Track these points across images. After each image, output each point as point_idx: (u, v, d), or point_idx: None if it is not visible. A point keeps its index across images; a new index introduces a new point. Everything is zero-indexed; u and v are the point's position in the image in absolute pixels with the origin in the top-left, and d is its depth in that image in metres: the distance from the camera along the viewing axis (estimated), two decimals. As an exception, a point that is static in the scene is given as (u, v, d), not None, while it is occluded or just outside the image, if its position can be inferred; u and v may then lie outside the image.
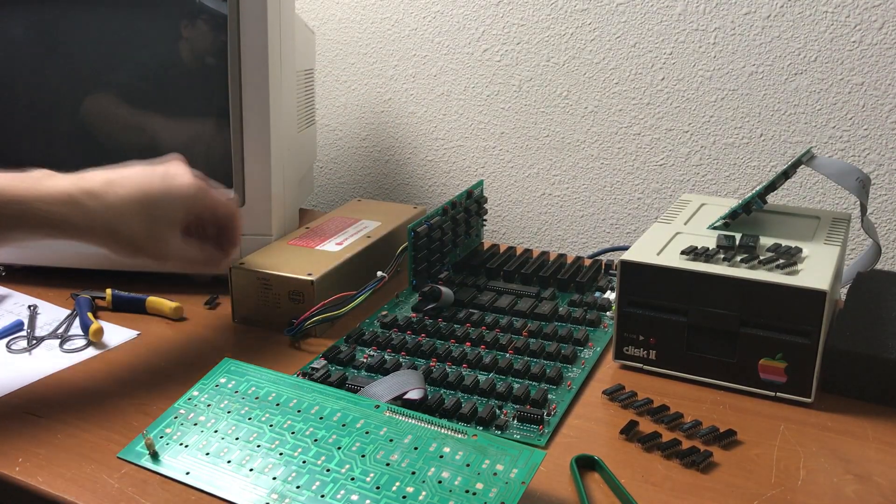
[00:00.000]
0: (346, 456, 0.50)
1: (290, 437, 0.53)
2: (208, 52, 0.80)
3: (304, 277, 0.70)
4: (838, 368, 0.60)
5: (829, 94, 0.88)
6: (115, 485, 0.50)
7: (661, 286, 0.62)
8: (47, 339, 0.71)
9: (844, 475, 0.52)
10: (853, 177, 0.68)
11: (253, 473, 0.50)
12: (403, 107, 1.13)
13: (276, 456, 0.51)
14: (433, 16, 1.07)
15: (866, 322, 0.63)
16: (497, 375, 0.62)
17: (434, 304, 0.73)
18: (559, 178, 1.05)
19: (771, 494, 0.50)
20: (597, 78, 0.99)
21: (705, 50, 0.93)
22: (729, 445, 0.54)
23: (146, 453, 0.52)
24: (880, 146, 0.88)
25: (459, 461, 0.49)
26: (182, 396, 0.58)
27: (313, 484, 0.48)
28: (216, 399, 0.57)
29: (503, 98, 1.06)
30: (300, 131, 0.93)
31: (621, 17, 0.96)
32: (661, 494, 0.50)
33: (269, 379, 0.58)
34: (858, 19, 0.85)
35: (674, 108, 0.96)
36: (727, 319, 0.60)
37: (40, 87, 0.84)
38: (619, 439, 0.55)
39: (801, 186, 0.93)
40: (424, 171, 1.14)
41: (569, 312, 0.72)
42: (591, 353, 0.66)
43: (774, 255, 0.62)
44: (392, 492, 0.47)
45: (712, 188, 0.97)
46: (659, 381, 0.63)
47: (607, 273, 0.82)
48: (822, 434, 0.56)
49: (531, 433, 0.55)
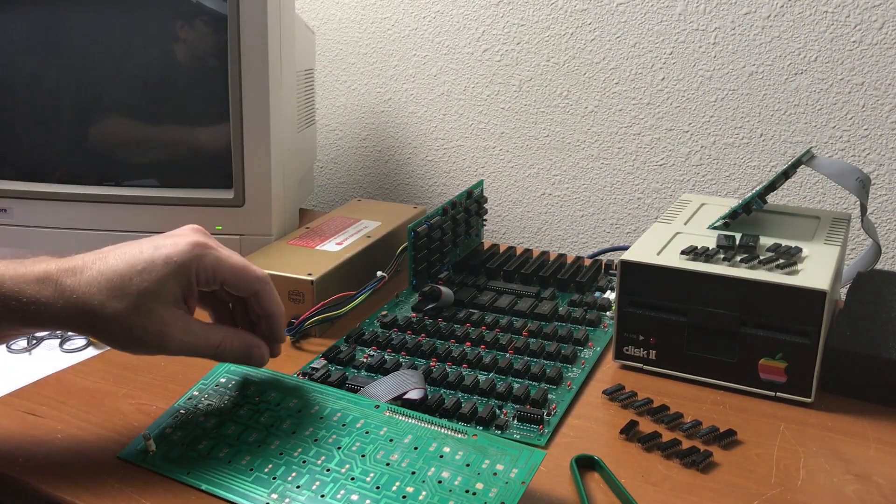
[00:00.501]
0: (346, 456, 0.50)
1: (290, 437, 0.52)
2: (208, 53, 0.80)
3: (304, 277, 0.70)
4: (838, 368, 0.60)
5: (829, 94, 0.89)
6: (115, 485, 0.50)
7: (661, 286, 0.62)
8: (47, 340, 0.71)
9: (844, 475, 0.52)
10: (853, 177, 0.68)
11: (253, 473, 0.50)
12: (403, 107, 1.13)
13: (276, 456, 0.51)
14: (433, 16, 1.07)
15: (866, 322, 0.63)
16: (497, 375, 0.62)
17: (434, 304, 0.73)
18: (559, 178, 1.05)
19: (771, 494, 0.50)
20: (597, 78, 0.99)
21: (705, 50, 0.93)
22: (729, 445, 0.54)
23: (146, 453, 0.52)
24: (880, 146, 0.88)
25: (459, 461, 0.49)
26: (182, 396, 0.58)
27: (313, 484, 0.48)
28: (216, 399, 0.57)
29: (503, 98, 1.06)
30: (300, 131, 0.93)
31: (621, 17, 0.96)
32: (661, 494, 0.50)
33: (269, 379, 0.58)
34: (858, 19, 0.85)
35: (674, 108, 0.96)
36: (727, 319, 0.60)
37: (39, 90, 0.84)
38: (619, 439, 0.55)
39: (801, 186, 0.93)
40: (424, 171, 1.14)
41: (569, 312, 0.72)
42: (591, 353, 0.66)
43: (774, 255, 0.62)
44: (392, 492, 0.47)
45: (712, 188, 0.97)
46: (659, 381, 0.63)
47: (607, 273, 0.82)
48: (822, 434, 0.56)
49: (531, 433, 0.55)
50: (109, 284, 0.49)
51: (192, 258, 0.51)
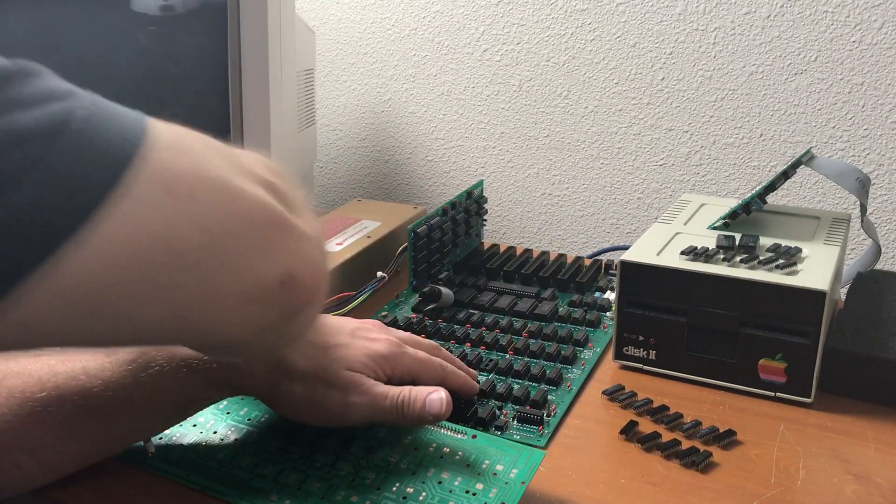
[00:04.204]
0: (347, 456, 0.50)
1: (289, 438, 0.53)
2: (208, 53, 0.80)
3: (304, 278, 0.70)
4: (838, 368, 0.60)
5: (829, 93, 0.88)
6: (115, 486, 0.50)
7: (660, 286, 0.62)
8: (47, 340, 0.71)
9: (844, 475, 0.52)
10: (853, 177, 0.68)
11: (253, 474, 0.50)
12: (403, 107, 1.13)
13: (276, 456, 0.51)
14: (433, 16, 1.07)
15: (866, 322, 0.63)
16: (497, 376, 0.62)
17: (434, 304, 0.73)
18: (559, 178, 1.05)
19: (771, 494, 0.50)
20: (597, 78, 0.99)
21: (705, 50, 0.93)
22: (729, 445, 0.54)
23: (147, 453, 0.52)
24: (880, 146, 0.88)
25: (459, 461, 0.49)
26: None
27: (314, 485, 0.48)
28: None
29: (503, 98, 1.06)
30: (300, 131, 0.93)
31: (621, 17, 0.96)
32: (661, 494, 0.50)
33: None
34: (858, 19, 0.85)
35: (674, 108, 0.96)
36: (727, 319, 0.60)
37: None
38: (619, 439, 0.55)
39: (801, 186, 0.93)
40: (424, 171, 1.14)
41: (569, 313, 0.72)
42: (590, 354, 0.66)
43: (774, 255, 0.62)
44: (392, 492, 0.47)
45: (712, 188, 0.97)
46: (659, 382, 0.63)
47: (607, 273, 0.82)
48: (822, 434, 0.56)
49: (531, 434, 0.55)
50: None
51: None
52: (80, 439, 0.47)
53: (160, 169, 0.32)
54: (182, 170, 0.32)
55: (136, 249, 0.31)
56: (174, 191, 0.32)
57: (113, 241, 0.30)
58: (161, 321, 0.33)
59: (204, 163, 0.34)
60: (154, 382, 0.48)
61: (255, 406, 0.56)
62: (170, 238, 0.31)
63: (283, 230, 0.36)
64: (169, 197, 0.31)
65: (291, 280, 0.36)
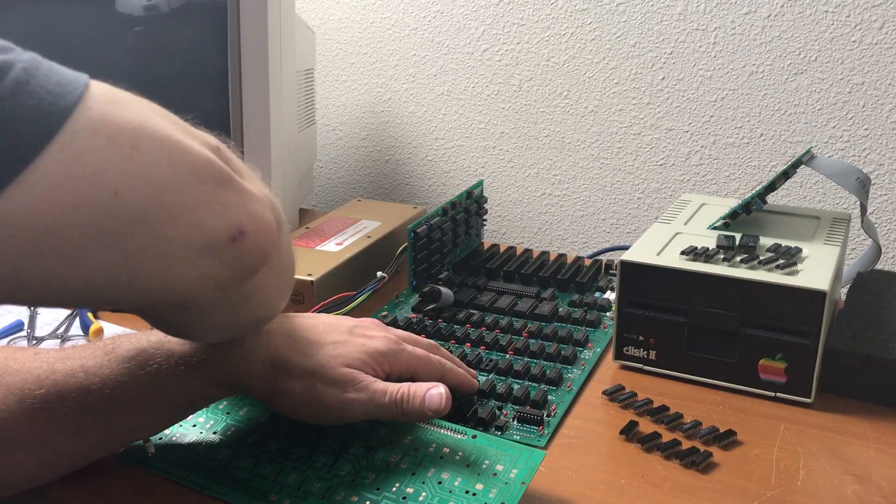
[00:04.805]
0: (347, 456, 0.50)
1: (289, 438, 0.52)
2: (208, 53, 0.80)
3: (304, 277, 0.70)
4: (838, 369, 0.60)
5: (829, 93, 0.88)
6: (115, 486, 0.50)
7: (661, 286, 0.62)
8: (47, 340, 0.71)
9: (844, 475, 0.52)
10: (853, 177, 0.68)
11: (252, 474, 0.50)
12: (403, 107, 1.13)
13: (276, 456, 0.51)
14: (433, 16, 1.07)
15: (866, 322, 0.63)
16: (497, 376, 0.62)
17: (434, 304, 0.73)
18: (559, 178, 1.05)
19: (771, 495, 0.50)
20: (597, 78, 0.99)
21: (705, 50, 0.93)
22: (729, 446, 0.54)
23: (146, 453, 0.52)
24: (880, 146, 0.88)
25: (459, 461, 0.49)
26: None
27: (313, 485, 0.48)
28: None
29: (503, 98, 1.06)
30: (300, 131, 0.93)
31: (621, 17, 0.96)
32: (661, 494, 0.50)
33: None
34: (858, 19, 0.85)
35: (674, 108, 0.96)
36: (727, 320, 0.60)
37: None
38: (619, 440, 0.55)
39: (801, 186, 0.93)
40: (424, 171, 1.14)
41: (569, 313, 0.72)
42: (590, 354, 0.66)
43: (774, 255, 0.62)
44: (392, 492, 0.47)
45: (712, 188, 0.97)
46: (659, 382, 0.63)
47: (607, 273, 0.82)
48: (822, 434, 0.56)
49: (531, 434, 0.55)
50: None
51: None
52: (78, 437, 0.47)
53: (102, 119, 0.33)
54: (124, 121, 0.33)
55: (81, 195, 0.31)
56: (117, 139, 0.32)
57: (56, 185, 0.31)
58: (112, 269, 0.33)
59: (147, 118, 0.35)
60: (152, 380, 0.48)
61: (255, 406, 0.56)
62: (115, 186, 0.32)
63: (229, 187, 0.36)
64: (112, 145, 0.32)
65: (241, 236, 0.36)
